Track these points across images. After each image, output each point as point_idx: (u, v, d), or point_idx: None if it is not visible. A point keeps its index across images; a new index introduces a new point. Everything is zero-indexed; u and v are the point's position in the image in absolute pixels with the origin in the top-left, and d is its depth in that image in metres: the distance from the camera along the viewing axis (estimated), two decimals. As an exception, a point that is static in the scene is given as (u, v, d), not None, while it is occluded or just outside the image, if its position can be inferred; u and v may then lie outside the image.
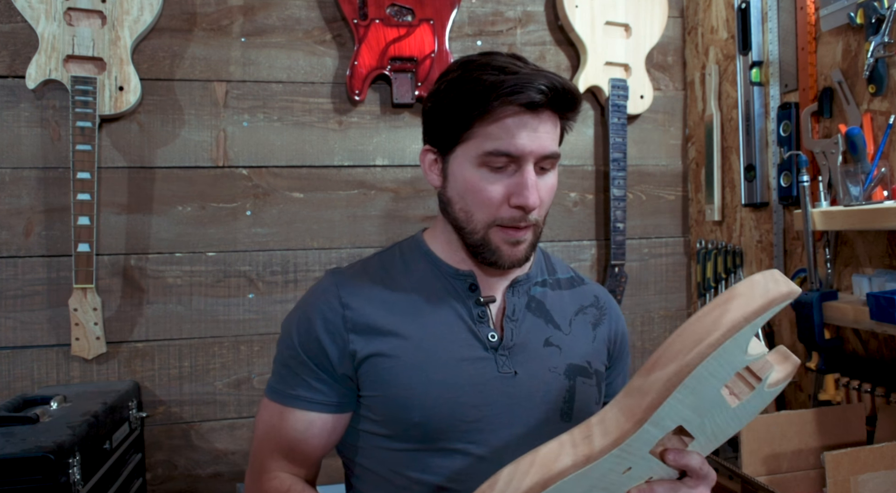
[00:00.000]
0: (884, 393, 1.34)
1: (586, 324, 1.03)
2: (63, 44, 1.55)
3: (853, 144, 1.35)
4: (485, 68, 0.90)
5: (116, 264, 1.65)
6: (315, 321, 0.93)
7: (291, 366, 0.94)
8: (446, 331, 0.93)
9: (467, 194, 0.91)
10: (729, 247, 1.82)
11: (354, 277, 0.98)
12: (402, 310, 0.94)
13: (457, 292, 0.96)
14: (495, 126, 0.88)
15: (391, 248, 1.04)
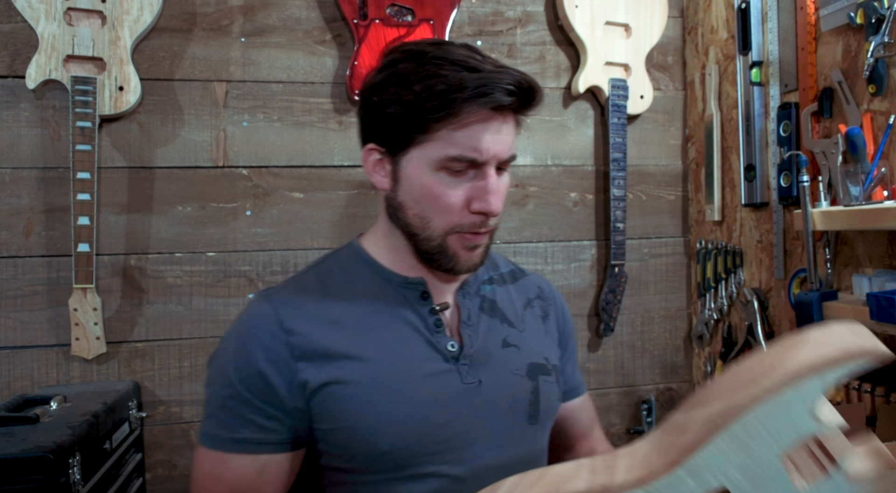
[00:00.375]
0: (884, 393, 1.34)
1: (536, 318, 1.01)
2: (63, 44, 1.55)
3: (853, 144, 1.35)
4: (442, 63, 0.81)
5: (116, 264, 1.65)
6: (255, 353, 0.82)
7: (231, 407, 0.82)
8: (403, 346, 0.86)
9: (424, 200, 0.84)
10: (729, 247, 1.82)
11: (292, 297, 0.87)
12: (352, 328, 0.85)
13: (408, 302, 0.89)
14: (459, 129, 0.81)
15: (326, 259, 0.94)
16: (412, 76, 0.81)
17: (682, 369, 2.02)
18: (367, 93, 0.86)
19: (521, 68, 1.88)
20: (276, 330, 0.83)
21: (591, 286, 1.95)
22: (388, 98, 0.83)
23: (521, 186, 1.90)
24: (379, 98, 0.84)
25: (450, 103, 0.79)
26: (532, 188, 1.91)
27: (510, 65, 1.85)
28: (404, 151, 0.85)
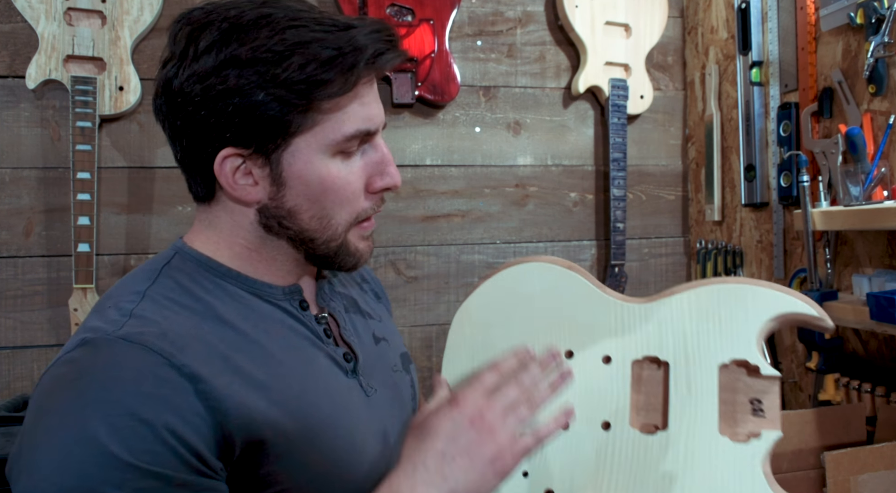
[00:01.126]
0: (884, 393, 1.34)
1: (374, 300, 0.92)
2: (63, 44, 1.55)
3: (853, 144, 1.35)
4: (305, 24, 0.64)
5: (116, 264, 1.65)
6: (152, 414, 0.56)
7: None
8: (310, 370, 0.71)
9: (325, 196, 0.69)
10: (729, 247, 1.82)
11: (163, 332, 0.62)
12: (254, 359, 0.66)
13: (291, 314, 0.73)
14: (351, 101, 0.66)
15: (158, 277, 0.70)
16: (271, 47, 0.62)
17: (682, 369, 2.02)
18: (199, 85, 0.64)
19: (521, 68, 1.89)
20: (174, 377, 0.59)
21: (591, 286, 1.94)
22: (247, 83, 0.63)
23: (521, 186, 1.90)
24: (227, 86, 0.63)
25: (348, 70, 0.63)
26: (532, 188, 1.91)
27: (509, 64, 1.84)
28: (284, 145, 0.66)
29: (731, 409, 0.69)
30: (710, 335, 0.71)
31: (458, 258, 1.86)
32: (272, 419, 0.64)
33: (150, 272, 0.71)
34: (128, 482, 0.54)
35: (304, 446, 0.66)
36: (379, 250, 1.80)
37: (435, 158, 1.84)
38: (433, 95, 1.77)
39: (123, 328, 0.62)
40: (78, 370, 0.59)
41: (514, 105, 1.90)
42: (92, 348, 0.60)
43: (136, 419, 0.56)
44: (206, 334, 0.65)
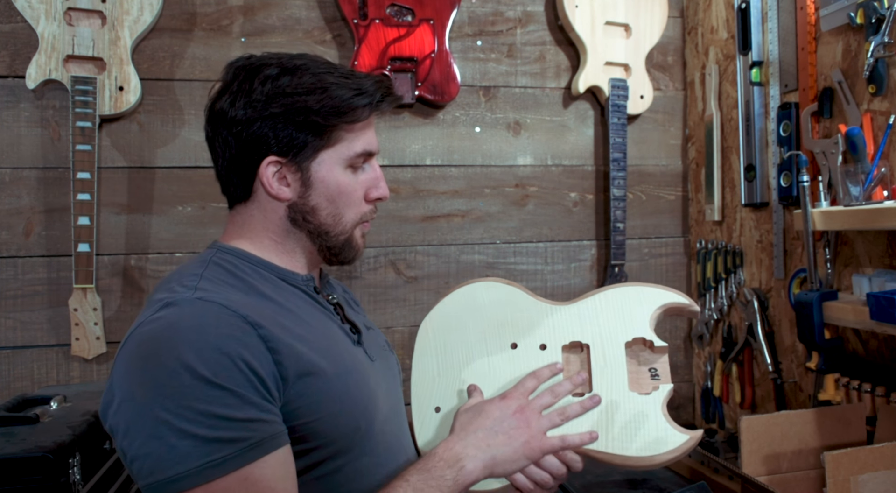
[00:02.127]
0: (884, 393, 1.34)
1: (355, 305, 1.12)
2: (63, 44, 1.55)
3: (853, 144, 1.35)
4: (332, 72, 0.89)
5: (116, 264, 1.65)
6: (231, 348, 0.74)
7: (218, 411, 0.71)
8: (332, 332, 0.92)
9: (339, 198, 0.91)
10: (729, 247, 1.82)
11: (227, 297, 0.81)
12: (291, 320, 0.85)
13: (309, 296, 0.93)
14: (360, 129, 0.91)
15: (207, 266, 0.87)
16: (315, 86, 0.87)
17: (682, 369, 2.02)
18: (253, 109, 0.86)
19: (521, 68, 1.90)
20: (242, 324, 0.77)
21: (591, 286, 1.94)
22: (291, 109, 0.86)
23: (521, 186, 1.90)
24: (276, 110, 0.86)
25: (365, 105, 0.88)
26: (532, 188, 1.91)
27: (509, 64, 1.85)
28: (313, 157, 0.89)
29: (636, 376, 0.96)
30: (616, 322, 0.98)
31: (458, 258, 1.86)
32: (313, 360, 0.82)
33: (200, 264, 0.88)
34: (216, 398, 0.71)
35: (337, 382, 0.84)
36: (379, 250, 1.80)
37: (435, 158, 1.84)
38: (433, 95, 1.77)
39: (197, 293, 0.80)
40: (168, 322, 0.75)
41: (514, 105, 1.90)
42: (176, 307, 0.77)
43: (219, 352, 0.73)
44: (254, 302, 0.83)
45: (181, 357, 0.72)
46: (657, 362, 0.97)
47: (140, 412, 0.72)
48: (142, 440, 0.72)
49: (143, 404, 0.72)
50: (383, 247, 1.81)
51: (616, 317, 0.98)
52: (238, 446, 0.71)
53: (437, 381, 1.01)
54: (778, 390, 1.65)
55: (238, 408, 0.72)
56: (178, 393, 0.71)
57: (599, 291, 1.01)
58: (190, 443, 0.70)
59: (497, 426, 0.89)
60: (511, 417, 0.90)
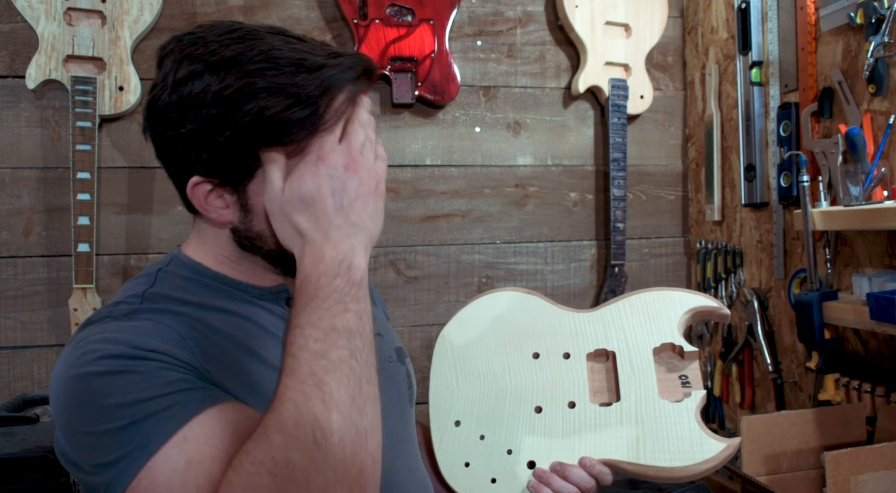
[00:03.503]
0: (884, 393, 1.34)
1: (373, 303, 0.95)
2: (63, 44, 1.55)
3: (853, 144, 1.35)
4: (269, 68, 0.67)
5: (116, 264, 1.65)
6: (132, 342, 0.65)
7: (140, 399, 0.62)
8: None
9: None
10: (729, 247, 1.82)
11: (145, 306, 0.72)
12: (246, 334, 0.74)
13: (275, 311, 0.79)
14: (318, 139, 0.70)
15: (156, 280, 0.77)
16: (233, 92, 0.67)
17: (682, 369, 2.02)
18: (169, 116, 0.70)
19: (521, 68, 1.89)
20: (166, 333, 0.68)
21: (591, 286, 1.95)
22: (216, 124, 0.68)
23: (521, 186, 1.90)
24: (193, 125, 0.68)
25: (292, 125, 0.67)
26: (532, 188, 1.91)
27: (509, 64, 1.82)
28: (249, 178, 0.71)
29: (666, 384, 0.90)
30: (643, 328, 0.93)
31: (458, 258, 1.86)
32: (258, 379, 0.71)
33: (146, 280, 0.77)
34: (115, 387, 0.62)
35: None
36: (379, 250, 1.80)
37: (435, 158, 1.84)
38: (433, 95, 1.77)
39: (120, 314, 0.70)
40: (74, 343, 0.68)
41: (514, 105, 1.90)
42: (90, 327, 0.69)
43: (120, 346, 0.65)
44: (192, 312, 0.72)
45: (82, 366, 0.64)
46: (687, 369, 0.92)
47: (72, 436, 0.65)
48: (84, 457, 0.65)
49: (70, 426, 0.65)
50: (383, 247, 1.81)
51: (642, 323, 0.93)
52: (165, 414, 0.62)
53: (456, 394, 0.95)
54: (778, 390, 1.65)
55: (157, 386, 0.63)
56: (88, 401, 0.63)
57: (623, 297, 0.96)
58: (116, 437, 0.62)
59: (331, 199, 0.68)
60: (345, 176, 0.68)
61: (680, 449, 0.84)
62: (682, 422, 0.86)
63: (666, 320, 0.93)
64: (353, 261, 0.67)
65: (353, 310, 0.66)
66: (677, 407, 0.87)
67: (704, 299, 0.94)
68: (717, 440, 0.84)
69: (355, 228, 0.68)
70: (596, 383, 0.92)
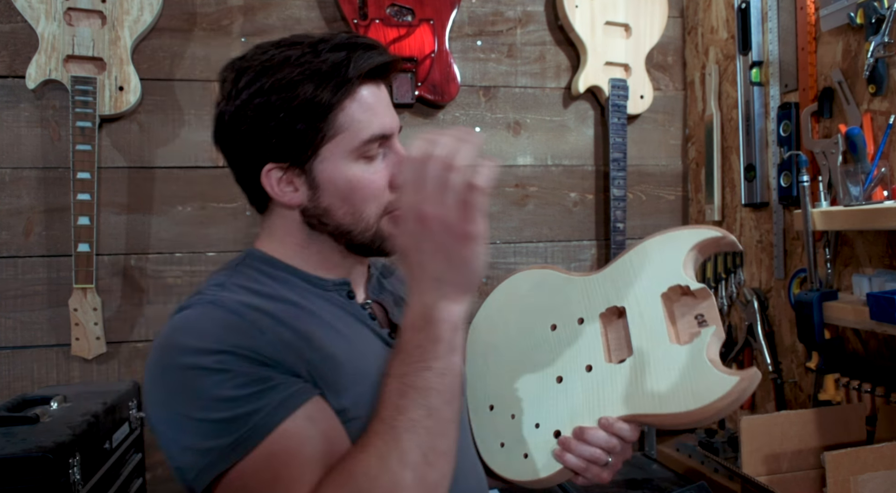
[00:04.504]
0: (884, 393, 1.34)
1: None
2: (63, 44, 1.55)
3: (853, 144, 1.35)
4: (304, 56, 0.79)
5: (116, 264, 1.65)
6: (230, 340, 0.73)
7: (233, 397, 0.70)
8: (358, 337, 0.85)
9: (353, 194, 0.82)
10: (729, 247, 1.82)
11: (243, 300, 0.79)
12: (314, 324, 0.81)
13: (338, 302, 0.87)
14: (361, 112, 0.81)
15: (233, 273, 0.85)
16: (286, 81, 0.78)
17: (682, 369, 2.02)
18: (239, 116, 0.81)
19: (521, 68, 1.89)
20: (241, 322, 0.75)
21: (591, 286, 1.94)
22: (273, 110, 0.79)
23: (521, 186, 1.90)
24: (260, 115, 0.79)
25: (343, 85, 0.79)
26: (532, 188, 1.91)
27: (509, 64, 1.83)
28: (314, 156, 0.81)
29: (679, 327, 0.88)
30: (649, 276, 0.89)
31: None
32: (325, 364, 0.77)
33: (228, 271, 0.86)
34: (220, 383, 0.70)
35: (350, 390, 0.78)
36: (379, 250, 1.80)
37: (435, 158, 1.84)
38: (433, 95, 1.77)
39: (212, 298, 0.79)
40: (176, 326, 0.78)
41: (514, 105, 1.90)
42: (188, 310, 0.78)
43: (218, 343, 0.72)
44: (271, 306, 0.79)
45: (183, 357, 0.73)
46: (702, 307, 0.86)
47: (166, 416, 0.74)
48: (173, 438, 0.73)
49: (165, 406, 0.74)
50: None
51: (648, 270, 0.89)
52: (258, 416, 0.70)
53: (486, 380, 0.98)
54: (778, 390, 1.65)
55: (245, 385, 0.70)
56: (187, 390, 0.72)
57: (629, 248, 0.92)
58: (214, 428, 0.70)
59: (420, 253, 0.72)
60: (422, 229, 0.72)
61: (694, 391, 0.81)
62: (694, 363, 0.82)
63: (671, 262, 0.88)
64: (435, 315, 0.71)
65: (435, 368, 0.70)
66: (688, 349, 0.84)
67: (707, 230, 0.88)
68: (729, 375, 0.79)
69: (438, 283, 0.72)
70: (612, 342, 0.91)
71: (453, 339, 0.72)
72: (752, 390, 0.78)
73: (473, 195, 0.71)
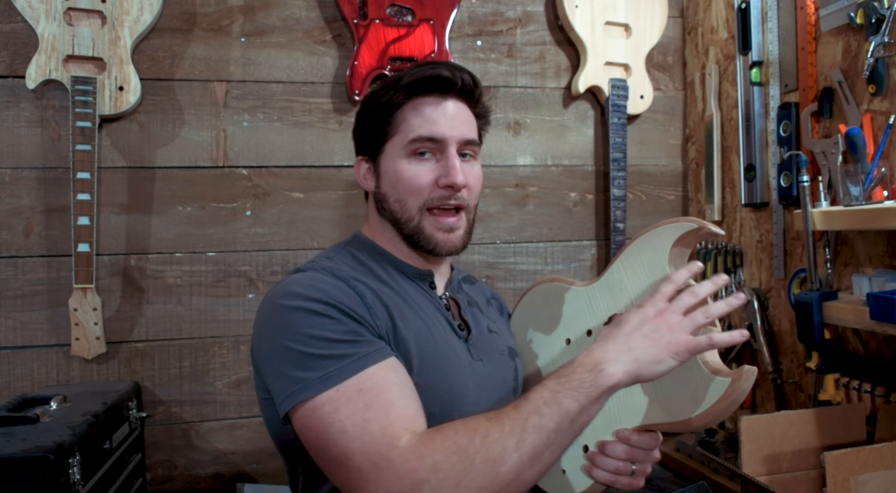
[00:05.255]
0: (884, 393, 1.34)
1: (496, 313, 1.17)
2: (63, 44, 1.55)
3: (853, 144, 1.35)
4: (396, 74, 1.00)
5: (116, 264, 1.65)
6: (332, 295, 0.88)
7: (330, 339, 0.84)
8: (432, 321, 0.98)
9: (399, 184, 0.98)
10: (729, 247, 1.82)
11: (348, 273, 0.95)
12: (397, 300, 0.96)
13: (422, 290, 1.02)
14: (416, 116, 0.97)
15: (341, 251, 1.03)
16: (377, 91, 1.00)
17: (682, 369, 2.02)
18: (355, 120, 1.05)
19: (521, 68, 1.89)
20: (344, 286, 0.90)
21: (591, 286, 1.94)
22: (364, 114, 1.02)
23: (521, 186, 1.90)
24: (358, 119, 1.04)
25: (399, 93, 0.97)
26: (532, 188, 1.91)
27: (509, 64, 1.85)
28: (381, 151, 1.00)
29: None
30: (639, 279, 0.91)
31: (459, 258, 1.86)
32: (403, 334, 0.91)
33: (337, 248, 1.04)
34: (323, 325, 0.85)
35: (419, 360, 0.91)
36: (379, 250, 1.80)
37: (435, 158, 1.84)
38: (433, 95, 1.77)
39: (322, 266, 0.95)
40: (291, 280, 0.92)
41: (514, 105, 1.90)
42: (300, 273, 0.93)
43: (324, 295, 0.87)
44: (369, 281, 0.95)
45: (294, 300, 0.87)
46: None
47: (270, 346, 0.87)
48: (274, 366, 0.85)
49: (271, 338, 0.87)
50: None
51: (638, 273, 0.91)
52: (347, 359, 0.83)
53: None
54: (778, 390, 1.65)
55: (342, 333, 0.85)
56: (293, 324, 0.85)
57: (621, 250, 0.95)
58: (308, 361, 0.83)
59: (636, 331, 0.84)
60: (651, 321, 0.84)
61: (694, 396, 0.82)
62: (689, 367, 0.84)
63: (657, 262, 0.89)
64: (608, 369, 0.82)
65: (580, 403, 0.81)
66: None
67: (683, 224, 0.88)
68: (722, 376, 0.81)
69: (630, 351, 0.83)
70: None
71: (604, 395, 0.83)
72: (748, 387, 0.79)
73: (706, 343, 0.82)
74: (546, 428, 0.80)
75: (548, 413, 0.80)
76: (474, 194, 1.02)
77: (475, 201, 1.03)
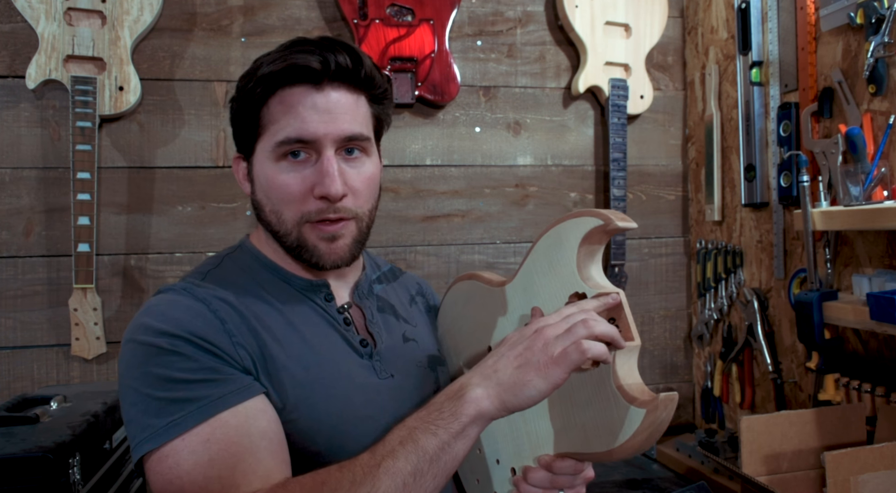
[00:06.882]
0: (884, 393, 1.34)
1: (421, 312, 1.04)
2: (63, 44, 1.55)
3: (853, 144, 1.35)
4: (263, 57, 0.83)
5: (116, 264, 1.65)
6: (187, 326, 0.76)
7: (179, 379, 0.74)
8: (324, 342, 0.86)
9: (272, 193, 0.83)
10: (729, 247, 1.82)
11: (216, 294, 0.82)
12: (277, 322, 0.84)
13: (315, 303, 0.88)
14: (281, 111, 0.81)
15: (221, 262, 0.90)
16: (243, 78, 0.85)
17: (682, 369, 2.02)
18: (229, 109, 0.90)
19: (521, 68, 1.89)
20: (204, 311, 0.78)
21: (591, 286, 1.94)
22: (232, 105, 0.87)
23: (521, 186, 1.90)
24: (230, 108, 0.88)
25: (262, 86, 0.81)
26: (532, 188, 1.91)
27: (509, 64, 1.83)
28: (253, 151, 0.86)
29: None
30: (550, 284, 0.79)
31: (458, 258, 1.86)
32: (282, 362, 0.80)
33: (215, 260, 0.90)
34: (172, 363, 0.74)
35: (307, 390, 0.80)
36: (379, 250, 1.80)
37: (435, 158, 1.84)
38: (433, 95, 1.77)
39: (188, 286, 0.83)
40: (146, 308, 0.80)
41: (514, 105, 1.90)
42: (160, 295, 0.82)
43: (177, 327, 0.76)
44: (239, 303, 0.82)
45: (141, 334, 0.77)
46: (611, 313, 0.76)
47: (121, 386, 0.78)
48: (125, 409, 0.77)
49: (122, 377, 0.78)
50: (383, 247, 1.81)
51: (548, 275, 0.79)
52: (197, 404, 0.73)
53: None
54: (778, 390, 1.65)
55: (193, 371, 0.74)
56: (139, 364, 0.75)
57: (532, 247, 0.83)
58: (155, 405, 0.73)
59: (510, 351, 0.73)
60: (528, 338, 0.73)
61: (610, 427, 0.71)
62: (602, 393, 0.72)
63: (565, 263, 0.77)
64: (468, 394, 0.71)
65: (440, 439, 0.70)
66: (596, 375, 0.73)
67: (590, 219, 0.75)
68: (637, 406, 0.69)
69: (494, 373, 0.72)
70: None
71: (469, 427, 0.71)
72: (667, 417, 0.68)
73: (578, 356, 0.70)
74: (401, 472, 0.68)
75: (402, 455, 0.69)
76: (363, 199, 0.86)
77: (368, 206, 0.87)
